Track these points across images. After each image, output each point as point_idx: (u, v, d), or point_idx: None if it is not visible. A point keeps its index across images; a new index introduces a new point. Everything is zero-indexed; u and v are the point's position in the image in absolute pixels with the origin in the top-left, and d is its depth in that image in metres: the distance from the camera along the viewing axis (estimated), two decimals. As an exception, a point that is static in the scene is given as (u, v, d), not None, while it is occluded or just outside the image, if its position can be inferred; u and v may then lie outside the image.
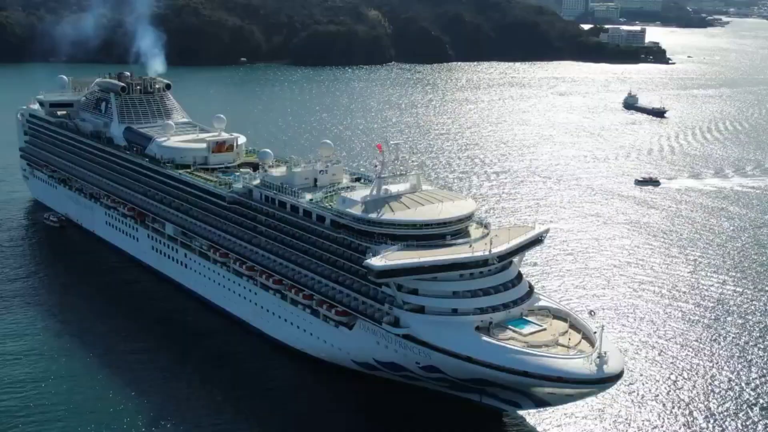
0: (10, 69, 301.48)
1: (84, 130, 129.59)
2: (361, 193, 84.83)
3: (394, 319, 76.78)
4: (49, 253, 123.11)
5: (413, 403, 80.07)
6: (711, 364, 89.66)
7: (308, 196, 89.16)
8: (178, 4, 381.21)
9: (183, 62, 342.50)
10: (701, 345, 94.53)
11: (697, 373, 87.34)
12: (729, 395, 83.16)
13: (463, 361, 72.16)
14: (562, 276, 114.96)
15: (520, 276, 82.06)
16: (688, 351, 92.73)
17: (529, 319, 77.04)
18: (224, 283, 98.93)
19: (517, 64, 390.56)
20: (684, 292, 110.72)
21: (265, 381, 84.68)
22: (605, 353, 69.62)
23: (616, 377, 69.99)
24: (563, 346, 73.21)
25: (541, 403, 74.69)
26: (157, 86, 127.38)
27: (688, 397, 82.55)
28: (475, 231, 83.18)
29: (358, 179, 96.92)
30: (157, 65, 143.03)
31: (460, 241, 79.64)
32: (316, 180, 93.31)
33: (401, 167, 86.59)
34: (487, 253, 76.63)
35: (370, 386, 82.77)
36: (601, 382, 69.49)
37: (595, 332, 74.55)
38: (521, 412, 78.38)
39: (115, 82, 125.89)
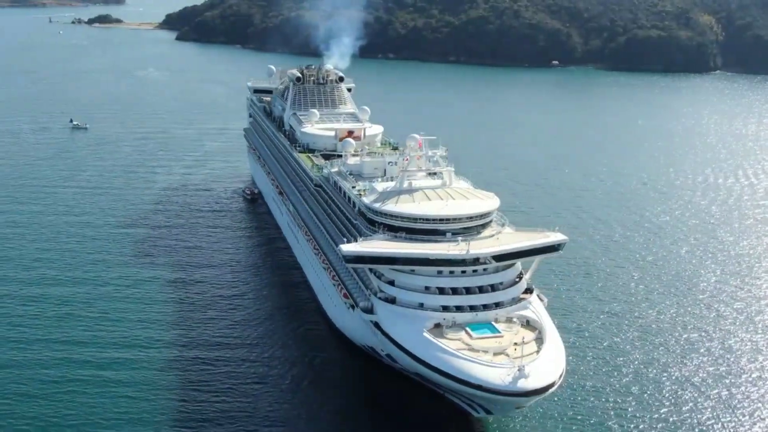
0: (261, 55, 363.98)
1: (274, 114, 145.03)
2: (388, 184, 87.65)
3: (370, 306, 79.20)
4: (224, 220, 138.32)
5: (412, 393, 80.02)
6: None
7: (360, 185, 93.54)
8: (501, 7, 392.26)
9: (492, 62, 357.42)
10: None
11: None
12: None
13: (403, 354, 72.91)
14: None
15: (516, 281, 79.47)
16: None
17: (497, 325, 74.75)
18: (310, 260, 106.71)
19: None
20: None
21: (302, 354, 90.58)
22: (524, 366, 66.33)
23: (530, 393, 66.13)
24: (507, 355, 70.56)
25: (485, 410, 72.52)
26: (330, 78, 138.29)
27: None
28: (488, 231, 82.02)
29: (432, 174, 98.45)
30: (335, 60, 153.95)
31: (457, 238, 79.08)
32: (385, 171, 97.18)
33: (433, 162, 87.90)
34: (463, 252, 75.97)
35: (376, 371, 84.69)
36: (513, 395, 66.15)
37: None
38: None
39: (295, 72, 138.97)
